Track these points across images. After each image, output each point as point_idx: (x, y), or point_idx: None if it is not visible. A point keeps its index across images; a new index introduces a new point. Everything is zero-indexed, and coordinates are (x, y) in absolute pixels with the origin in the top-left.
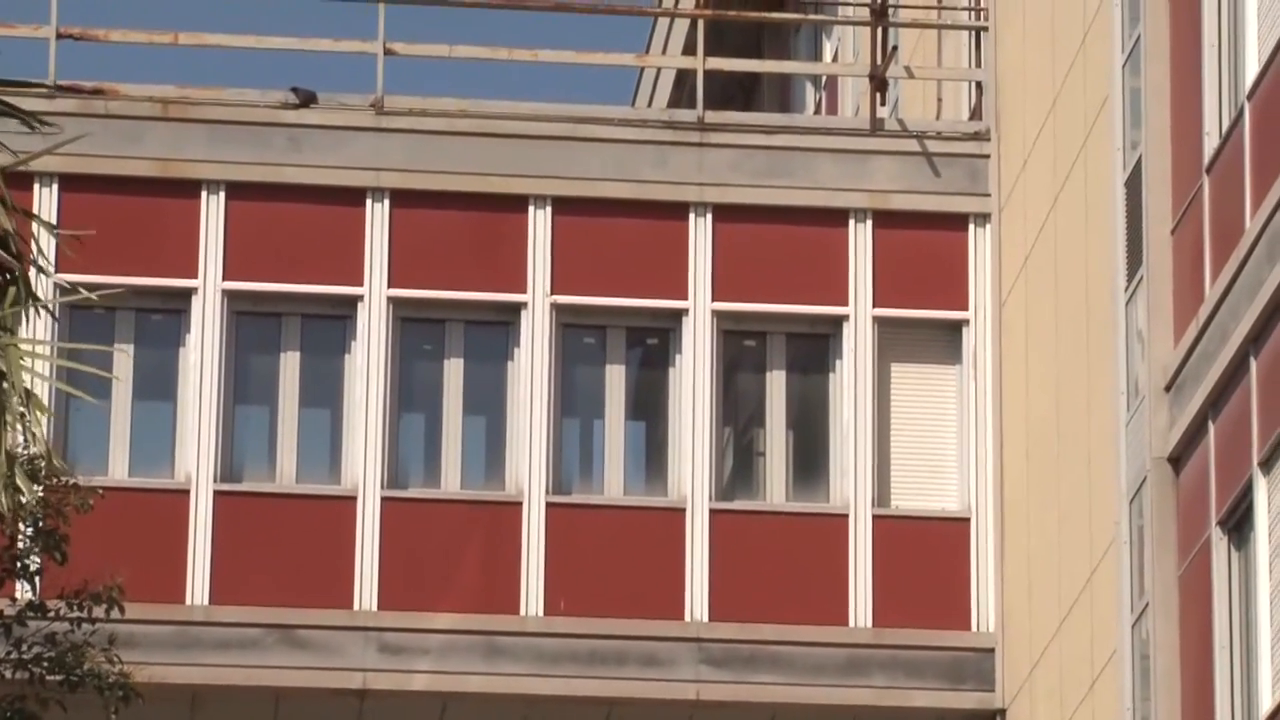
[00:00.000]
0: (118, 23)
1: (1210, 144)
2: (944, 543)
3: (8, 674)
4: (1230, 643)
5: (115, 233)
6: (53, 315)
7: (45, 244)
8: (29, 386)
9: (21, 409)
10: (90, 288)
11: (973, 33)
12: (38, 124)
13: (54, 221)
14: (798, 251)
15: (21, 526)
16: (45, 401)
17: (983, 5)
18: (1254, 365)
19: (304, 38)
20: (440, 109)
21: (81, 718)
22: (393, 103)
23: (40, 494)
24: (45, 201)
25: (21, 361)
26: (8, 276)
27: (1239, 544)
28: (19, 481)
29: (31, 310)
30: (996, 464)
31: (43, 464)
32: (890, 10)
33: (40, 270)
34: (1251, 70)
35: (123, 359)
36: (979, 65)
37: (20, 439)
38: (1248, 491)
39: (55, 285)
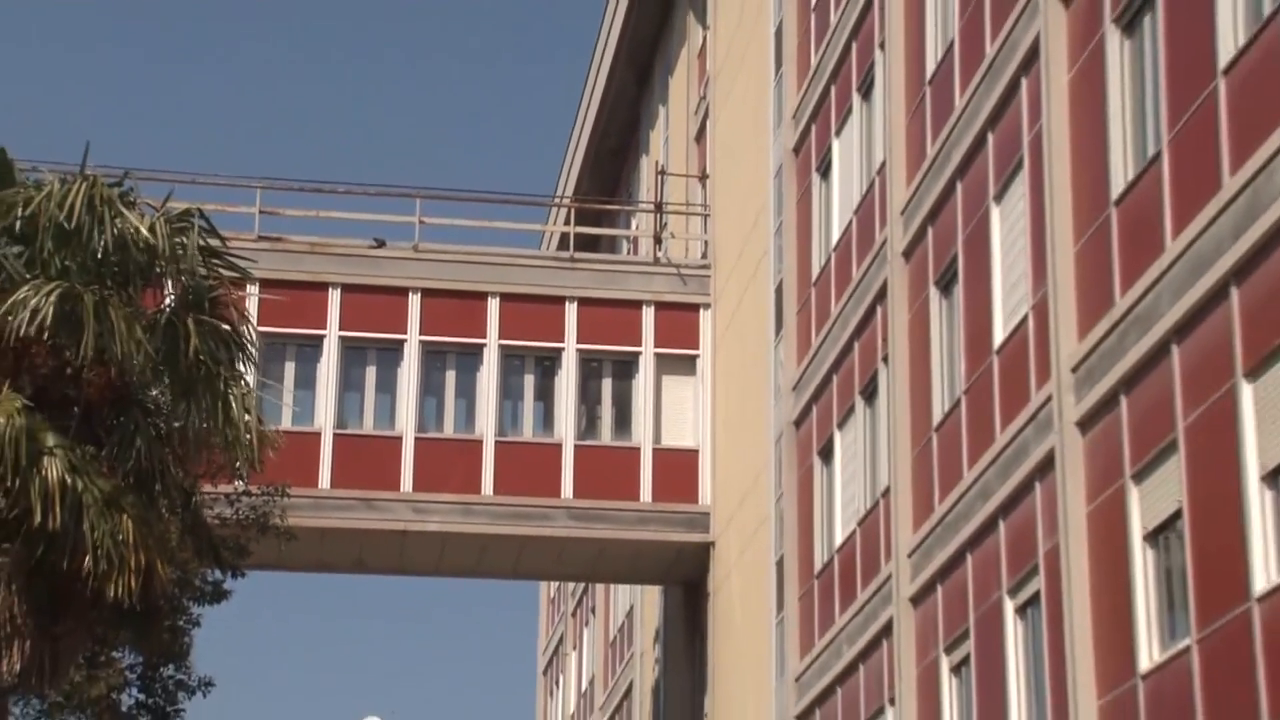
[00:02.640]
0: (271, 167)
1: (814, 271)
2: (686, 461)
3: (230, 525)
4: (824, 512)
5: (287, 308)
6: (257, 365)
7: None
8: (246, 402)
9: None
10: (274, 336)
11: (702, 216)
12: (246, 265)
13: (251, 305)
14: (618, 322)
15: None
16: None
17: (707, 203)
18: (835, 380)
19: (381, 213)
20: (446, 248)
21: (267, 548)
22: (424, 246)
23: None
24: (253, 296)
25: (247, 388)
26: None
27: (827, 464)
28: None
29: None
30: (711, 424)
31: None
32: (663, 204)
33: (252, 345)
34: (835, 234)
35: (288, 374)
36: (706, 232)
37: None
38: (831, 438)
39: (258, 351)
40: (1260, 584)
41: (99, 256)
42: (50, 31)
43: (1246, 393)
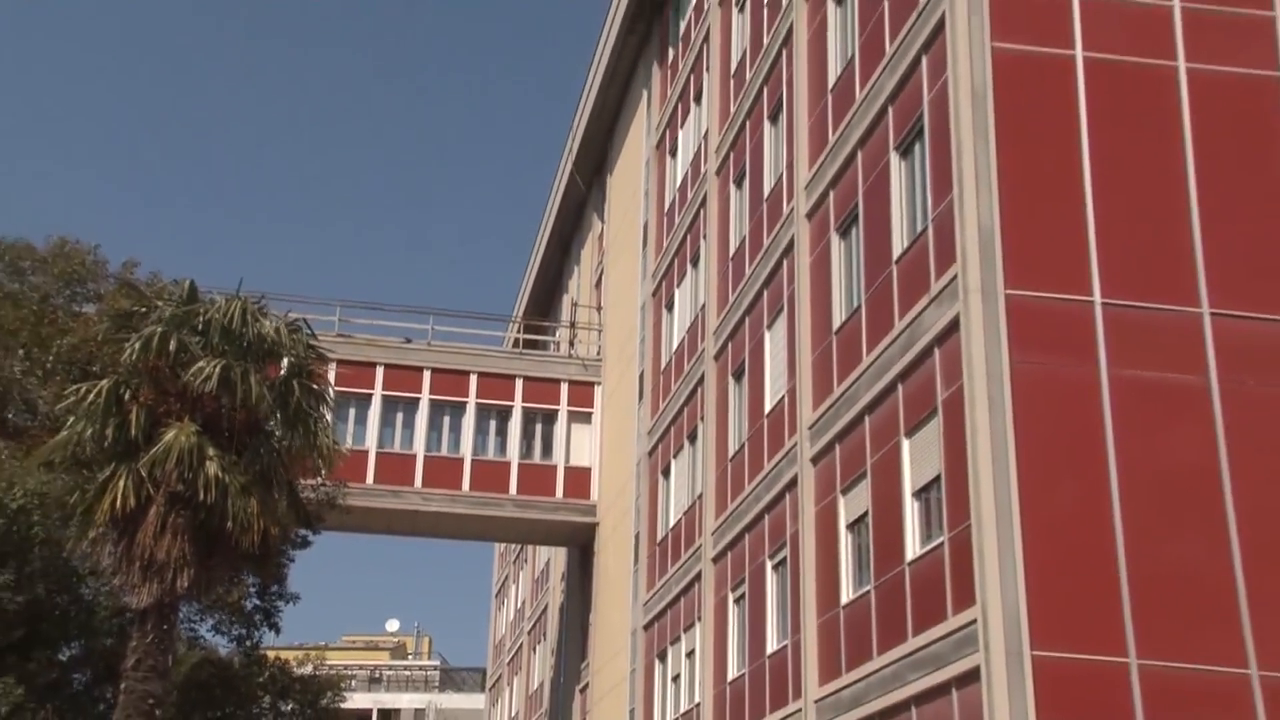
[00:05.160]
0: (345, 290)
1: (662, 365)
2: (583, 474)
3: (313, 503)
4: (664, 507)
5: (351, 377)
6: (333, 410)
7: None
8: (326, 432)
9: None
10: (344, 393)
11: (598, 331)
12: (328, 351)
13: (330, 375)
14: (546, 391)
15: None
16: (328, 433)
17: (601, 323)
18: (672, 430)
19: (408, 323)
20: (446, 345)
21: (334, 518)
22: (436, 344)
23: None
24: (331, 369)
25: (326, 424)
26: (324, 403)
27: (666, 478)
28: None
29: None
30: (601, 451)
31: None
32: (574, 323)
33: (330, 398)
34: (675, 344)
35: (350, 416)
36: (599, 340)
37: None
38: (670, 464)
39: (334, 402)
40: (910, 554)
41: (244, 345)
42: (209, 201)
43: (905, 445)
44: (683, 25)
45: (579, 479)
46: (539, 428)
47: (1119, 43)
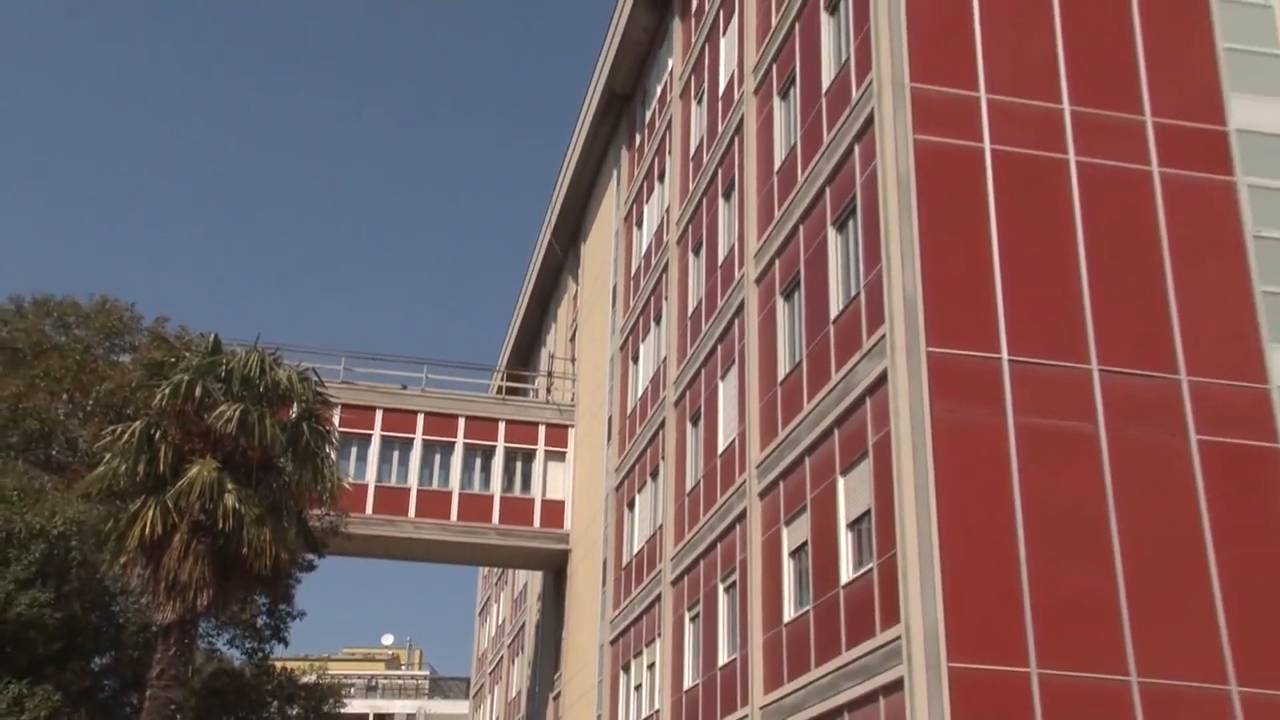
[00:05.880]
0: (350, 342)
1: (629, 410)
2: (558, 507)
3: (319, 530)
4: (629, 536)
5: (354, 419)
6: (336, 447)
7: (336, 424)
8: (331, 468)
9: (330, 473)
10: (347, 434)
11: (571, 380)
12: (333, 396)
13: (335, 418)
14: (526, 433)
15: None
16: (333, 469)
17: (575, 373)
18: (637, 468)
19: (404, 371)
20: (438, 391)
21: (337, 544)
22: (429, 390)
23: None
24: (336, 412)
25: (331, 460)
26: (329, 442)
27: (631, 511)
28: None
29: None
30: (573, 486)
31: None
32: (551, 372)
33: (335, 438)
34: (640, 391)
35: (352, 454)
36: (574, 388)
37: (329, 477)
38: (634, 498)
39: (338, 441)
40: (844, 578)
41: (260, 391)
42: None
43: (841, 482)
44: (648, 114)
45: (554, 511)
46: (519, 465)
47: (1020, 138)
